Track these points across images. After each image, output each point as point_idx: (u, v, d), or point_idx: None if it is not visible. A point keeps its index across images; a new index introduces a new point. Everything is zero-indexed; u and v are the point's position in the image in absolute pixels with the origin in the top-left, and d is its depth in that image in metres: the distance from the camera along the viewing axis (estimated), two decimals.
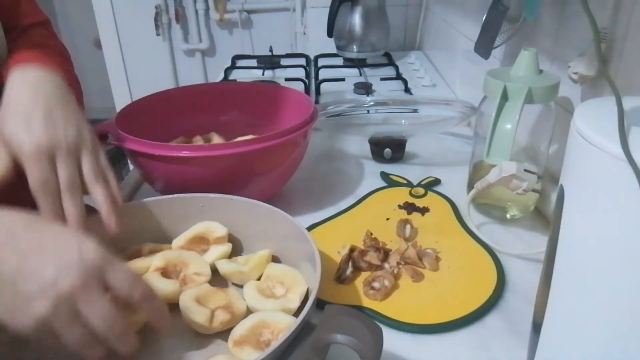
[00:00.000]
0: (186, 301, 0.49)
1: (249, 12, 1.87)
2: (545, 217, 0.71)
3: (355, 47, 1.34)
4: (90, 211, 0.52)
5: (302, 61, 1.37)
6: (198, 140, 0.78)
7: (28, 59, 0.55)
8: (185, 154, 0.62)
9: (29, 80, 0.52)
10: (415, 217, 0.71)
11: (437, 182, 0.81)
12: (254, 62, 1.37)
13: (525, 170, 0.61)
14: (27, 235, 0.38)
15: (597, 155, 0.32)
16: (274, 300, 0.49)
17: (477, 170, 0.72)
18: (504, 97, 0.62)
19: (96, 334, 0.37)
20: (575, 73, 0.59)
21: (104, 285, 0.38)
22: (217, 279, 0.54)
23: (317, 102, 1.08)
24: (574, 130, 0.35)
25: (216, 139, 0.77)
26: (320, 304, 0.53)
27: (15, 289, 0.36)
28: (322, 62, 1.35)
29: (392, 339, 0.51)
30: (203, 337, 0.49)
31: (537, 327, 0.42)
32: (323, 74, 1.25)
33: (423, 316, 0.53)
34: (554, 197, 0.66)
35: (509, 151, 0.60)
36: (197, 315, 0.47)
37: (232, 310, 0.49)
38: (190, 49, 1.97)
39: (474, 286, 0.57)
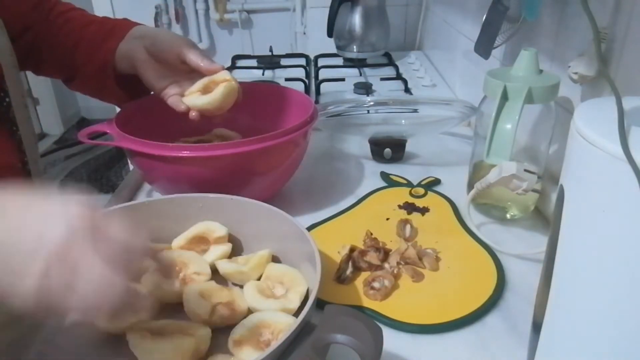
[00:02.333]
0: (190, 294, 0.49)
1: (249, 12, 1.87)
2: (545, 217, 0.71)
3: (355, 47, 1.34)
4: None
5: (302, 61, 1.36)
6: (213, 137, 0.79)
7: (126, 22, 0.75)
8: (185, 154, 0.62)
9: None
10: (415, 217, 0.71)
11: (437, 182, 0.81)
12: (254, 62, 1.37)
13: (525, 170, 0.61)
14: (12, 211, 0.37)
15: (597, 155, 0.32)
16: (274, 300, 0.50)
17: (477, 170, 0.72)
18: (504, 97, 0.62)
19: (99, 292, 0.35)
20: (575, 73, 0.58)
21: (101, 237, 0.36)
22: (217, 279, 0.54)
23: (317, 102, 1.08)
24: (574, 130, 0.35)
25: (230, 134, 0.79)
26: (320, 304, 0.53)
27: (6, 262, 0.35)
28: (322, 62, 1.35)
29: (392, 339, 0.51)
30: None
31: (537, 327, 0.42)
32: (323, 74, 1.25)
33: (423, 316, 0.53)
34: (554, 197, 0.66)
35: (509, 151, 0.60)
36: (199, 307, 0.48)
37: (233, 307, 0.49)
38: None
39: (474, 286, 0.57)
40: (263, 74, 1.28)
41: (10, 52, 0.67)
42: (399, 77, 1.21)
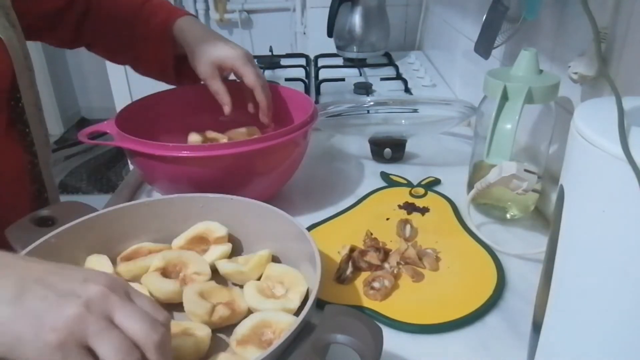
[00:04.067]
0: (189, 294, 0.49)
1: (249, 12, 1.87)
2: (545, 217, 0.71)
3: (355, 47, 1.34)
4: (88, 209, 0.52)
5: (302, 61, 1.36)
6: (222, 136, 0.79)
7: (175, 13, 0.77)
8: (185, 154, 0.62)
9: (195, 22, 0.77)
10: (415, 217, 0.71)
11: (437, 182, 0.81)
12: None
13: (525, 170, 0.61)
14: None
15: (597, 155, 0.32)
16: (274, 300, 0.50)
17: (477, 170, 0.72)
18: (504, 97, 0.62)
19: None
20: (575, 73, 0.59)
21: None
22: (217, 279, 0.54)
23: (317, 102, 1.08)
24: (574, 130, 0.35)
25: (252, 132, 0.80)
26: (320, 304, 0.53)
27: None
28: (322, 62, 1.35)
29: (392, 339, 0.51)
30: None
31: (537, 327, 0.42)
32: (323, 74, 1.25)
33: (423, 316, 0.53)
34: (554, 197, 0.66)
35: (509, 151, 0.60)
36: (198, 307, 0.48)
37: (233, 307, 0.49)
38: None
39: (474, 286, 0.57)
40: (263, 74, 1.28)
41: (25, 54, 0.67)
42: (399, 77, 1.21)
